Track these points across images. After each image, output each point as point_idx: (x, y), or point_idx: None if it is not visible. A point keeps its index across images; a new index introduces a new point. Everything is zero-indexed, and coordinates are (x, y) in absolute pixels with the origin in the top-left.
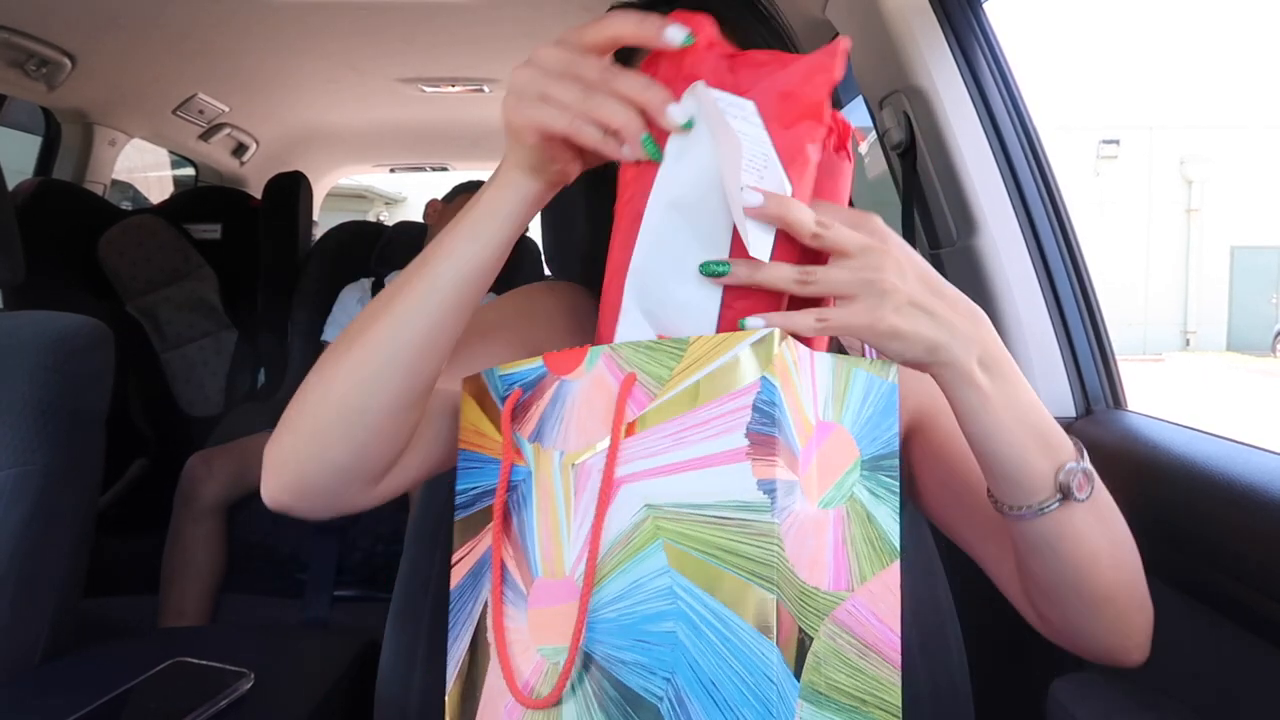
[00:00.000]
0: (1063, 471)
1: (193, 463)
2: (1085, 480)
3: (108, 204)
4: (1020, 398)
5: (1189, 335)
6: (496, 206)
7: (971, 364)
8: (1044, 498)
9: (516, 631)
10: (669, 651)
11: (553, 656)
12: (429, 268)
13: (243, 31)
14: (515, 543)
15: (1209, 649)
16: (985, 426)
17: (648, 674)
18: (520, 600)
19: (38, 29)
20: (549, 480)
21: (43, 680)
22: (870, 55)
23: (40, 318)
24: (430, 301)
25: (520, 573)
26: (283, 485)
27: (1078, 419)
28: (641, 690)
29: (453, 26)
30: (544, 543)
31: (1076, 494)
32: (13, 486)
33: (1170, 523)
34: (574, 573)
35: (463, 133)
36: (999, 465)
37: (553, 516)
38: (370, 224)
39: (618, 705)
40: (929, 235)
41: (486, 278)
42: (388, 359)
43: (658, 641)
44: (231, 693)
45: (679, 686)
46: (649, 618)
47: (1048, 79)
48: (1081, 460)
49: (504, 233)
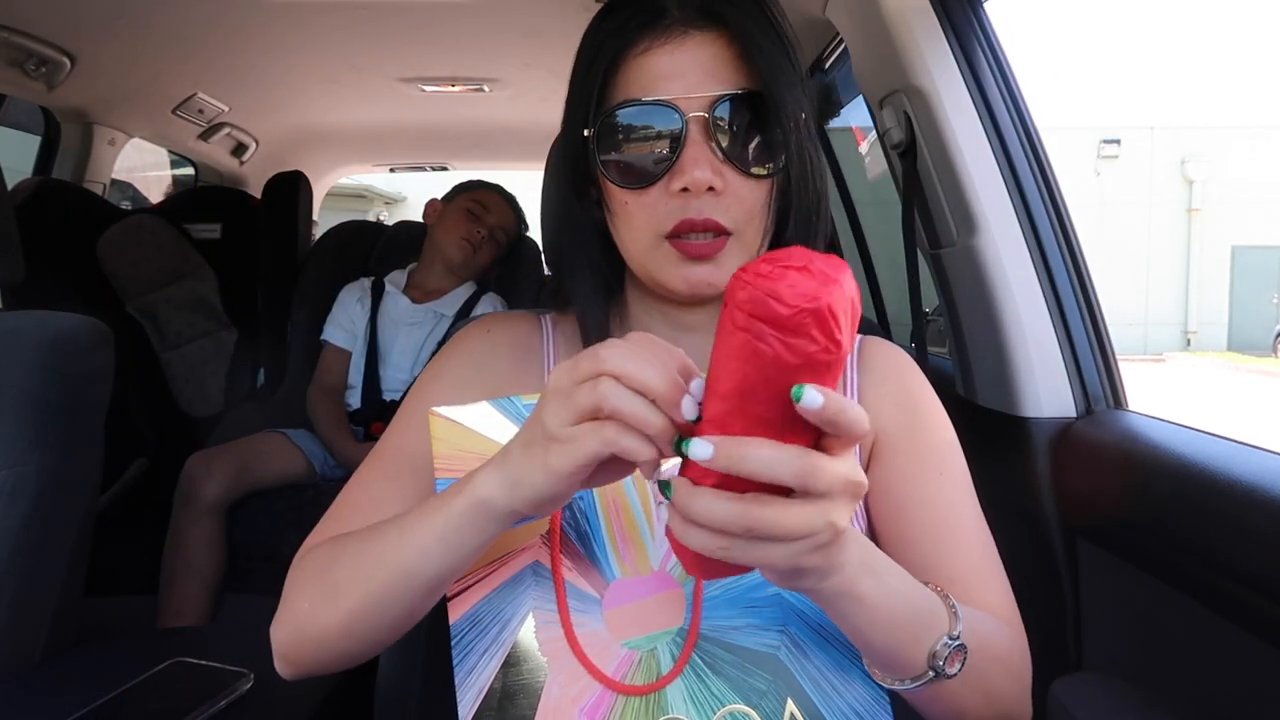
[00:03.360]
0: (935, 651)
1: (193, 463)
2: (957, 655)
3: (107, 204)
4: (894, 589)
5: (1189, 335)
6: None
7: (858, 576)
8: (916, 674)
9: (592, 635)
10: (778, 610)
11: (644, 646)
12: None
13: (243, 31)
14: (576, 554)
15: (1209, 649)
16: (860, 625)
17: (762, 631)
18: (593, 606)
19: (38, 29)
20: (618, 493)
21: (43, 680)
22: (870, 55)
23: (40, 318)
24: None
25: (589, 580)
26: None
27: (1078, 419)
28: (758, 646)
29: (453, 26)
30: (620, 547)
31: (947, 671)
32: (12, 486)
33: (1170, 522)
34: (664, 566)
35: (463, 133)
36: (874, 654)
37: (629, 523)
38: (370, 224)
39: (734, 665)
40: (929, 235)
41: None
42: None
43: (766, 604)
44: (231, 693)
45: (793, 635)
46: (754, 586)
47: (1048, 79)
48: (955, 629)
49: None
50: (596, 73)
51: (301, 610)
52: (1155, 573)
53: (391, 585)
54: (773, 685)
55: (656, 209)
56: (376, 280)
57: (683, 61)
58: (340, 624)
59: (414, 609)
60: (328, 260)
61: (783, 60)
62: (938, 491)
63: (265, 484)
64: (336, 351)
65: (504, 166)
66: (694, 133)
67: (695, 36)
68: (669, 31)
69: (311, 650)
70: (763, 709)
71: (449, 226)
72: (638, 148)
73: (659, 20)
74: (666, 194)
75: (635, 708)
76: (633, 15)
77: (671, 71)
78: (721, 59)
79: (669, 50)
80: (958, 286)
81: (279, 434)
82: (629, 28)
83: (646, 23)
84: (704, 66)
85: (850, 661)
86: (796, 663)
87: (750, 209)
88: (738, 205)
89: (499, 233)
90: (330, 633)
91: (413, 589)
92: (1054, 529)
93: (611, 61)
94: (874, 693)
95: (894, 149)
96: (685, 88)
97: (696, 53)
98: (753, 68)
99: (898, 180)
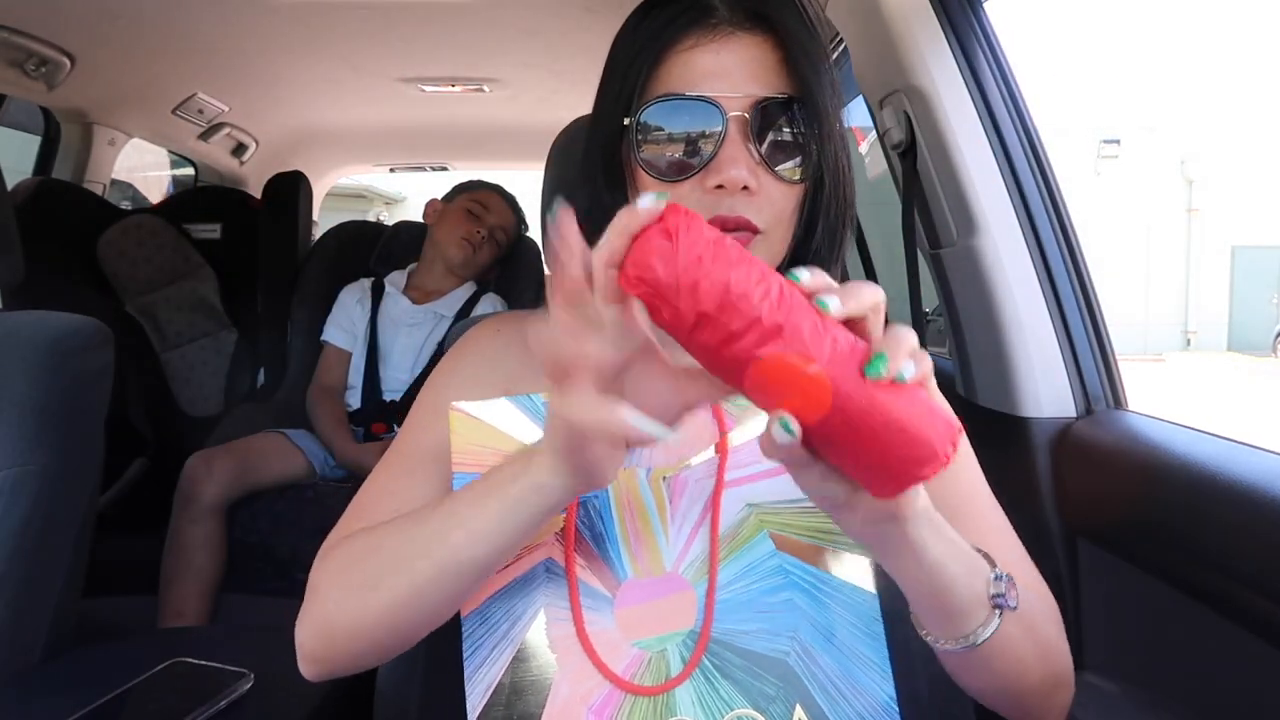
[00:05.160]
0: (990, 584)
1: (193, 463)
2: (1011, 587)
3: (107, 204)
4: (943, 527)
5: (1190, 335)
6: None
7: (921, 498)
8: (982, 619)
9: (603, 634)
10: (789, 615)
11: (655, 646)
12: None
13: (243, 31)
14: (589, 553)
15: (1209, 649)
16: (938, 555)
17: (773, 636)
18: (605, 605)
19: (37, 28)
20: (632, 494)
21: (43, 680)
22: (870, 55)
23: (40, 318)
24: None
25: (601, 579)
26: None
27: (1078, 419)
28: (768, 650)
29: (453, 26)
30: (633, 547)
31: (1009, 603)
32: (12, 486)
33: (1170, 523)
34: (677, 568)
35: (463, 133)
36: (948, 598)
37: (643, 524)
38: (370, 224)
39: (744, 669)
40: (929, 235)
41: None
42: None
43: (778, 609)
44: (231, 693)
45: (803, 640)
46: (766, 591)
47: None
48: (996, 566)
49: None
50: (642, 64)
51: (330, 607)
52: (1155, 573)
53: (440, 572)
54: (781, 690)
55: (688, 203)
56: (376, 280)
57: (727, 61)
58: (376, 617)
59: (458, 596)
60: (328, 260)
61: (824, 68)
62: (951, 478)
63: (265, 484)
64: (336, 352)
65: (504, 166)
66: (733, 132)
67: (742, 38)
68: (716, 30)
69: (343, 646)
70: (771, 714)
71: (449, 227)
72: (676, 141)
73: (707, 18)
74: (700, 189)
75: (643, 708)
76: (681, 11)
77: (716, 70)
78: (766, 62)
79: (715, 49)
80: (958, 286)
81: (279, 434)
82: (677, 23)
83: (695, 19)
84: (748, 68)
85: (859, 669)
86: (806, 669)
87: (781, 212)
88: (769, 207)
89: (499, 233)
90: (364, 626)
91: (461, 575)
92: (1054, 529)
93: (657, 55)
94: (883, 699)
95: (894, 149)
96: (729, 87)
97: (741, 54)
98: (795, 73)
99: (898, 180)
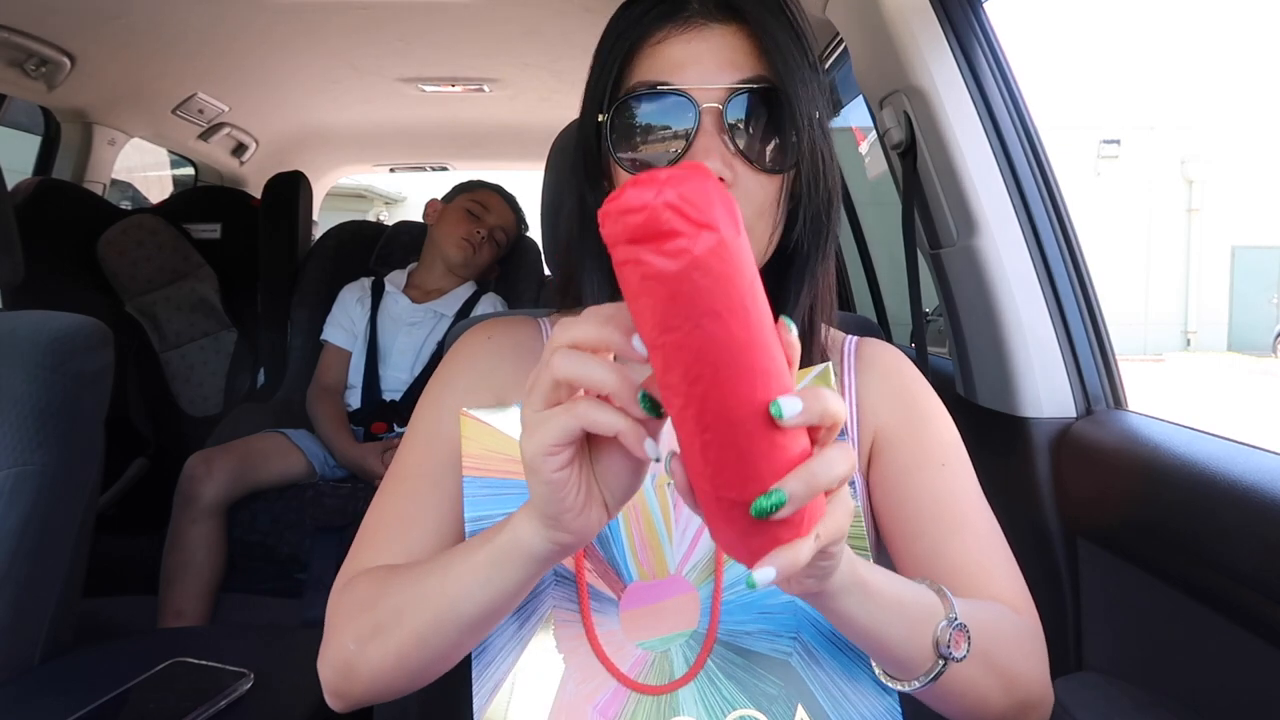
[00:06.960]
0: (937, 636)
1: (192, 463)
2: (960, 636)
3: (107, 204)
4: (887, 575)
5: (1189, 335)
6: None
7: (856, 565)
8: (927, 668)
9: (608, 635)
10: (791, 616)
11: (658, 647)
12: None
13: (243, 31)
14: (595, 557)
15: (1209, 649)
16: (872, 617)
17: (775, 637)
18: (610, 606)
19: (37, 29)
20: (638, 499)
21: (43, 680)
22: (870, 55)
23: (40, 318)
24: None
25: (607, 582)
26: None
27: (1078, 419)
28: (770, 651)
29: (453, 26)
30: (639, 551)
31: (954, 654)
32: (12, 486)
33: (1170, 523)
34: (681, 571)
35: (463, 133)
36: (887, 652)
37: (648, 528)
38: (370, 224)
39: (747, 670)
40: (929, 235)
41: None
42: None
43: (780, 610)
44: (231, 693)
45: (805, 641)
46: (769, 593)
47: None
48: (951, 611)
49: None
50: (614, 60)
51: (348, 648)
52: (1155, 573)
53: (437, 624)
54: (784, 691)
55: None
56: (376, 280)
57: (699, 50)
58: (391, 662)
59: (461, 646)
60: (328, 260)
61: (799, 57)
62: (941, 483)
63: (265, 484)
64: (336, 351)
65: (504, 166)
66: (707, 124)
67: (714, 29)
68: (689, 23)
69: (364, 686)
70: (773, 714)
71: (449, 226)
72: (650, 135)
73: (680, 11)
74: None
75: (647, 707)
76: (654, 5)
77: (687, 60)
78: (739, 50)
79: (686, 40)
80: (958, 286)
81: (279, 434)
82: (650, 16)
83: (667, 13)
84: (720, 56)
85: (861, 669)
86: (808, 669)
87: (760, 205)
88: (747, 200)
89: (499, 233)
90: (384, 669)
91: (460, 628)
92: (1054, 529)
93: (629, 49)
94: (885, 701)
95: (894, 149)
96: (700, 76)
97: (713, 43)
98: (769, 62)
99: (898, 180)
